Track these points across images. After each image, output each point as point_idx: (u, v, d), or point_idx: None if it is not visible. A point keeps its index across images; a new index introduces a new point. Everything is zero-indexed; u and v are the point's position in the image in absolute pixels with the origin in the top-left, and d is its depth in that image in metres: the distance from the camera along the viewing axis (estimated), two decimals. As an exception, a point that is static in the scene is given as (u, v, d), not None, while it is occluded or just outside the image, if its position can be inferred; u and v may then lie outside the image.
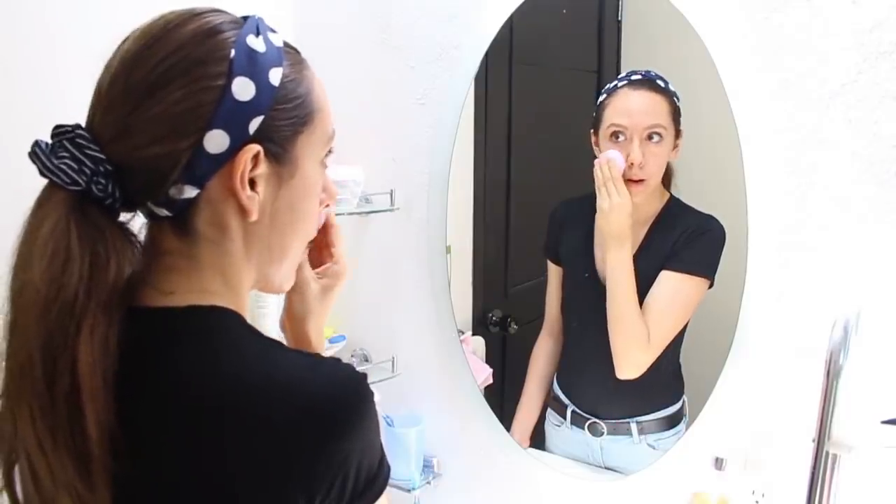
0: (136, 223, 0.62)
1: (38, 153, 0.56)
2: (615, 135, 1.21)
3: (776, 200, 1.08)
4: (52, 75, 1.14)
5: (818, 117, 1.03)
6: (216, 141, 0.58)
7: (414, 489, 1.44)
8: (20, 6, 1.12)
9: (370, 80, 1.50)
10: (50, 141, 0.57)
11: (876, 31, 0.98)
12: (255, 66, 0.59)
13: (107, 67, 0.59)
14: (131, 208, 0.61)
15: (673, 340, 1.22)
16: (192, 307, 0.60)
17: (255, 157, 0.60)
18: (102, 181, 0.56)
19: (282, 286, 0.71)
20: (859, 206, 1.02)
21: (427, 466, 1.49)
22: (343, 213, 1.42)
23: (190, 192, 0.59)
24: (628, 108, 1.21)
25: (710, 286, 1.18)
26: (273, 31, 0.64)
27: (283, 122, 0.62)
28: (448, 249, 1.44)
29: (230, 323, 0.62)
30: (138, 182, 0.58)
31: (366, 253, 1.55)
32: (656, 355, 1.21)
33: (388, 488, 0.63)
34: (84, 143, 0.56)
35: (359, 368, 0.83)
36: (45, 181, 0.57)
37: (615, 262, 1.21)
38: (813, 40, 1.02)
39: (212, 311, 0.61)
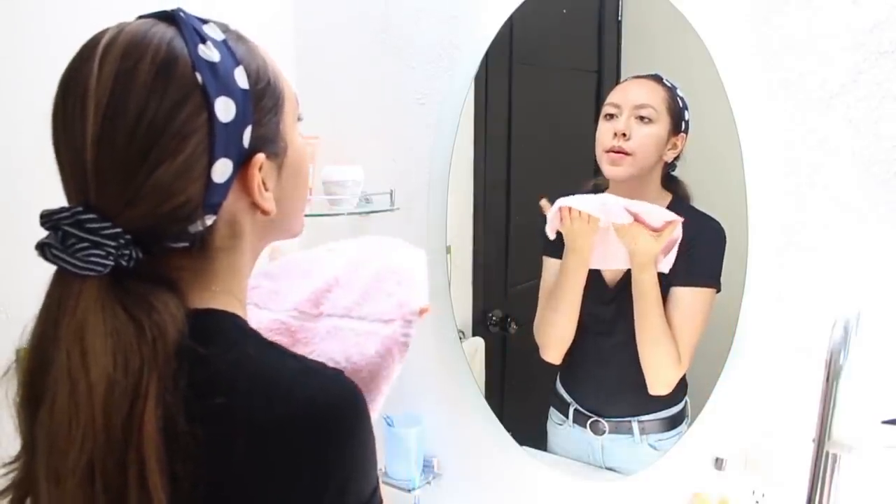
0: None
1: (55, 253, 0.53)
2: (608, 115, 1.23)
3: (776, 201, 1.08)
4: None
5: (818, 117, 1.03)
6: (222, 170, 0.57)
7: (414, 489, 1.44)
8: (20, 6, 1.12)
9: (370, 80, 1.49)
10: (46, 231, 0.53)
11: (876, 31, 0.98)
12: (222, 79, 0.57)
13: (68, 142, 0.55)
14: (148, 253, 0.57)
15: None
16: (193, 311, 0.59)
17: (261, 165, 0.60)
18: (126, 252, 0.54)
19: (301, 229, 0.71)
20: (859, 206, 1.02)
21: (427, 466, 1.49)
22: (343, 213, 1.42)
23: (209, 220, 0.59)
24: (625, 89, 1.24)
25: (718, 291, 1.18)
26: (204, 21, 0.60)
27: (267, 116, 0.61)
28: (448, 249, 1.44)
29: (228, 325, 0.61)
30: (159, 236, 0.57)
31: (366, 253, 1.54)
32: (685, 370, 1.21)
33: (387, 490, 0.62)
34: (95, 225, 0.53)
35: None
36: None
37: (643, 285, 1.20)
38: (813, 40, 1.02)
39: (210, 315, 0.61)
